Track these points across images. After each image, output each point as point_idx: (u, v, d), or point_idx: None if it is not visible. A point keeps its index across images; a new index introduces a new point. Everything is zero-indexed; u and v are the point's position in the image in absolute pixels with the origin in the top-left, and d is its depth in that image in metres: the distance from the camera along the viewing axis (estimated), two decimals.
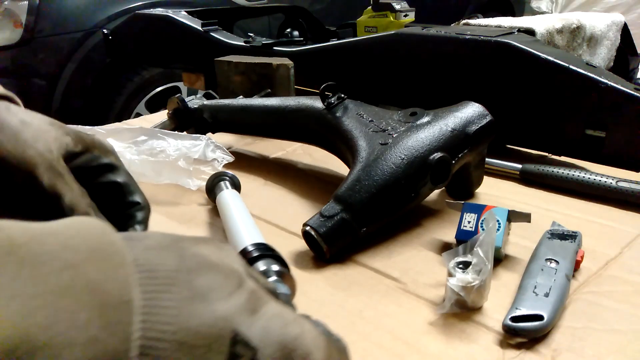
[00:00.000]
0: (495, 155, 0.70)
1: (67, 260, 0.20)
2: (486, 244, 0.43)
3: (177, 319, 0.21)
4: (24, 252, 0.19)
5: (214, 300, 0.22)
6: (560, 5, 3.58)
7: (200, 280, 0.22)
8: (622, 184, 0.61)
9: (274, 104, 0.74)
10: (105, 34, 1.61)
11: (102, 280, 0.20)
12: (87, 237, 0.21)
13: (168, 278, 0.21)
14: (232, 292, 0.23)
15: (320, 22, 1.89)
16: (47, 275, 0.19)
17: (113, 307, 0.19)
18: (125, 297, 0.20)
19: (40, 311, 0.18)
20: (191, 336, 0.20)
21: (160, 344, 0.20)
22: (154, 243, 0.23)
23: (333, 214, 0.51)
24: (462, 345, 0.39)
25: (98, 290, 0.19)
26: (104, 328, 0.19)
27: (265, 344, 0.22)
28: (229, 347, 0.21)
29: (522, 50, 0.76)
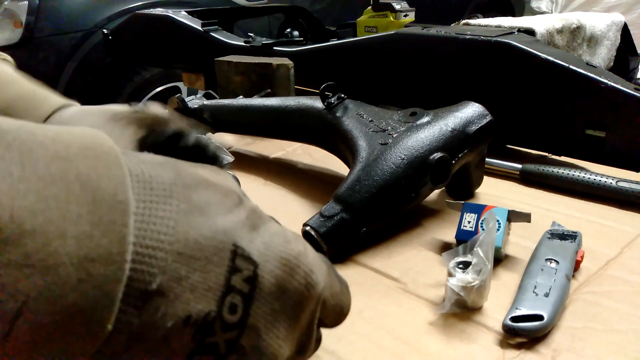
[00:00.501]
0: (495, 155, 0.70)
1: (57, 152, 0.18)
2: (486, 244, 0.43)
3: (175, 230, 0.20)
4: (12, 137, 0.18)
5: (213, 214, 0.21)
6: (560, 5, 3.58)
7: (199, 194, 0.21)
8: (622, 184, 0.61)
9: (274, 104, 0.74)
10: (105, 34, 1.61)
11: (95, 177, 0.19)
12: (79, 136, 0.20)
13: (164, 190, 0.21)
14: (232, 208, 0.22)
15: (320, 22, 1.89)
16: (36, 162, 0.18)
17: (107, 205, 0.18)
18: (120, 197, 0.19)
19: (29, 195, 0.17)
20: (190, 248, 0.20)
21: (156, 252, 0.19)
22: (148, 158, 0.22)
23: (333, 214, 0.51)
24: (462, 345, 0.39)
25: (90, 185, 0.18)
26: (96, 225, 0.18)
27: (266, 259, 0.22)
28: (229, 261, 0.21)
29: (522, 50, 0.76)
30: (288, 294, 0.22)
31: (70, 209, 0.18)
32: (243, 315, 0.21)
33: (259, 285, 0.21)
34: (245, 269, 0.21)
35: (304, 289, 0.23)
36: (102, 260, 0.18)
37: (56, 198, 0.18)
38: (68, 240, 0.17)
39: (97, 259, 0.18)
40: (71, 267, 0.17)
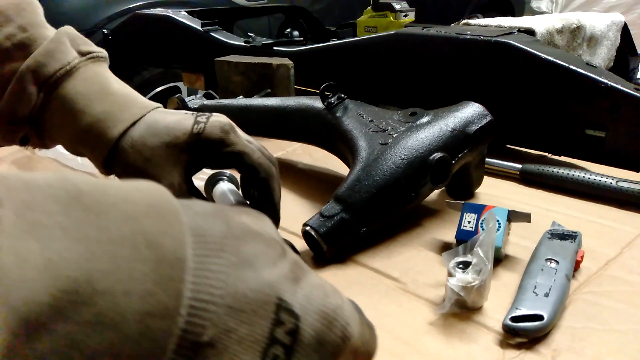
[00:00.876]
0: (495, 155, 0.70)
1: (127, 212, 0.20)
2: (486, 244, 0.43)
3: (226, 284, 0.21)
4: (88, 199, 0.19)
5: (260, 267, 0.22)
6: (560, 5, 3.58)
7: (247, 247, 0.23)
8: (622, 184, 0.61)
9: (274, 104, 0.74)
10: (105, 34, 1.61)
11: (159, 235, 0.20)
12: (145, 193, 0.21)
13: (217, 244, 0.22)
14: (276, 260, 0.23)
15: (320, 22, 1.89)
16: (109, 223, 0.19)
17: (167, 263, 0.20)
18: (179, 254, 0.20)
19: (103, 257, 0.19)
20: (239, 301, 0.21)
21: (209, 306, 0.20)
22: (201, 210, 0.23)
23: (333, 214, 0.51)
24: (462, 346, 0.39)
25: (155, 244, 0.20)
26: (157, 283, 0.19)
27: (307, 312, 0.23)
28: (273, 314, 0.22)
29: (522, 50, 0.76)
30: (326, 346, 0.23)
31: (137, 268, 0.19)
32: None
33: (299, 337, 0.22)
34: (288, 321, 0.22)
35: (340, 342, 0.24)
36: (160, 315, 0.19)
37: (126, 259, 0.19)
38: (133, 297, 0.19)
39: (157, 314, 0.19)
40: (134, 322, 0.19)
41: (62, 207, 0.19)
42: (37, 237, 0.18)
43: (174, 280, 0.20)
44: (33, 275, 0.17)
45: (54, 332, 0.17)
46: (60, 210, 0.19)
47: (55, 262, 0.18)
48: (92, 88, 0.44)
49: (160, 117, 0.44)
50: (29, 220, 0.18)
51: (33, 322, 0.17)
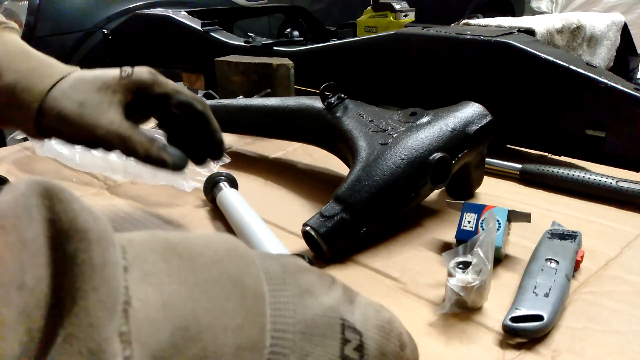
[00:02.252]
0: (495, 155, 0.70)
1: (211, 257, 0.22)
2: (486, 244, 0.43)
3: (295, 312, 0.23)
4: (180, 249, 0.22)
5: (318, 294, 0.24)
6: (560, 5, 3.58)
7: (303, 279, 0.25)
8: (622, 184, 0.61)
9: (274, 104, 0.74)
10: (105, 34, 1.61)
11: (241, 275, 0.22)
12: (221, 241, 0.24)
13: (279, 279, 0.24)
14: (330, 287, 0.26)
15: (320, 22, 1.89)
16: (201, 267, 0.22)
17: (251, 299, 0.22)
18: (259, 291, 0.22)
19: (202, 297, 0.21)
20: (309, 326, 0.23)
21: (286, 335, 0.22)
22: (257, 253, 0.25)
23: (333, 214, 0.51)
24: (462, 346, 0.39)
25: (239, 283, 0.22)
26: (245, 318, 0.21)
27: (367, 328, 0.25)
28: (340, 333, 0.24)
29: (522, 50, 0.76)
30: (388, 356, 0.25)
31: (228, 305, 0.21)
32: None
33: (365, 352, 0.24)
34: (353, 338, 0.24)
35: (399, 350, 0.26)
36: (250, 348, 0.21)
37: (218, 297, 0.21)
38: (228, 332, 0.21)
39: (247, 347, 0.21)
40: (231, 356, 0.20)
41: (161, 257, 0.21)
42: (150, 283, 0.20)
43: (258, 315, 0.22)
44: (155, 315, 0.19)
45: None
46: (160, 260, 0.21)
47: (169, 303, 0.20)
48: (14, 49, 0.47)
49: (87, 72, 0.48)
50: (140, 269, 0.20)
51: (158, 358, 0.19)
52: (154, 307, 0.19)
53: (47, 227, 0.17)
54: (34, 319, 0.16)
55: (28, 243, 0.17)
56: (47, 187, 0.18)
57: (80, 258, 0.17)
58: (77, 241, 0.17)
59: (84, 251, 0.17)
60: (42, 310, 0.16)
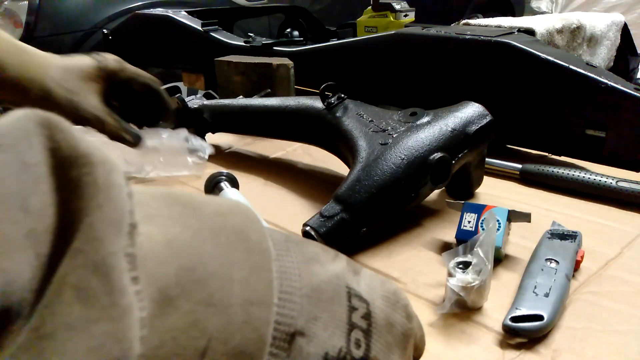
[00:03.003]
0: (495, 155, 0.70)
1: (215, 209, 0.22)
2: (486, 244, 0.43)
3: (301, 277, 0.22)
4: (182, 199, 0.22)
5: (324, 262, 0.24)
6: (560, 5, 3.58)
7: (307, 249, 0.24)
8: (622, 184, 0.61)
9: (274, 104, 0.74)
10: (105, 34, 1.61)
11: (245, 228, 0.22)
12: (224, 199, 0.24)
13: (283, 245, 0.23)
14: (334, 258, 0.25)
15: (320, 22, 1.89)
16: (205, 216, 0.21)
17: (257, 254, 0.21)
18: (264, 246, 0.22)
19: (207, 243, 0.20)
20: (316, 291, 0.22)
21: (293, 297, 0.21)
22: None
23: (333, 214, 0.51)
24: (462, 346, 0.39)
25: (243, 235, 0.21)
26: (252, 271, 0.21)
27: (373, 298, 0.24)
28: (347, 300, 0.23)
29: (522, 50, 0.76)
30: (395, 326, 0.25)
31: (233, 255, 0.20)
32: (366, 349, 0.23)
33: (373, 321, 0.24)
34: (360, 306, 0.23)
35: (406, 321, 0.26)
36: (258, 303, 0.20)
37: (223, 245, 0.20)
38: (235, 283, 0.20)
39: (256, 302, 0.20)
40: (239, 309, 0.19)
41: (163, 203, 0.21)
42: (153, 223, 0.19)
43: (265, 270, 0.21)
44: (160, 250, 0.18)
45: (180, 309, 0.18)
46: (163, 206, 0.21)
47: (174, 243, 0.19)
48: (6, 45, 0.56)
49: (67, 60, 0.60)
50: (141, 212, 0.19)
51: (165, 295, 0.18)
52: (158, 243, 0.19)
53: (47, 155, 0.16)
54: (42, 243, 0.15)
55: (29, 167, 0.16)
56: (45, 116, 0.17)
57: (84, 181, 0.17)
58: (80, 166, 0.17)
59: (88, 174, 0.17)
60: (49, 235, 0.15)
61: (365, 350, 0.23)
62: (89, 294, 0.15)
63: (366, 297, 0.24)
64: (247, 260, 0.21)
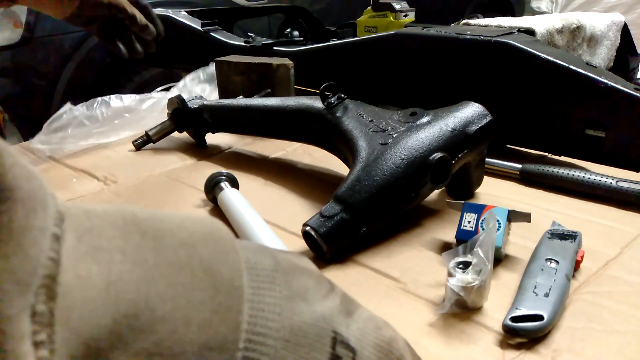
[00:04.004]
0: (495, 155, 0.70)
1: (182, 239, 0.20)
2: (486, 244, 0.43)
3: (281, 317, 0.20)
4: (146, 226, 0.19)
5: (312, 300, 0.22)
6: (560, 5, 3.58)
7: (297, 281, 0.22)
8: (622, 184, 0.61)
9: (274, 104, 0.74)
10: None
11: (216, 262, 0.20)
12: (199, 223, 0.21)
13: (268, 277, 0.21)
14: (327, 294, 0.23)
15: (320, 22, 1.89)
16: (166, 249, 0.19)
17: (225, 291, 0.19)
18: (236, 283, 0.20)
19: (161, 281, 0.18)
20: (294, 334, 0.20)
21: (266, 340, 0.19)
22: (247, 244, 0.23)
23: (333, 214, 0.51)
24: (462, 346, 0.39)
25: (212, 271, 0.19)
26: (216, 312, 0.19)
27: (362, 345, 0.22)
28: (330, 347, 0.21)
29: (522, 50, 0.76)
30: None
31: (195, 295, 0.18)
32: None
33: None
34: (345, 355, 0.21)
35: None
36: (218, 348, 0.18)
37: (183, 284, 0.18)
38: (192, 327, 0.18)
39: (215, 347, 0.18)
40: (192, 355, 0.18)
41: (120, 232, 0.18)
42: (97, 259, 0.17)
43: (232, 310, 0.19)
44: (95, 296, 0.17)
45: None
46: (118, 235, 0.18)
47: (116, 284, 0.17)
48: None
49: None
50: (89, 243, 0.17)
51: (93, 348, 0.16)
52: (95, 287, 0.17)
53: None
54: None
55: None
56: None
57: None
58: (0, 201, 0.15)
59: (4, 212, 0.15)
60: None
61: None
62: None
63: (354, 344, 0.22)
64: (212, 300, 0.19)
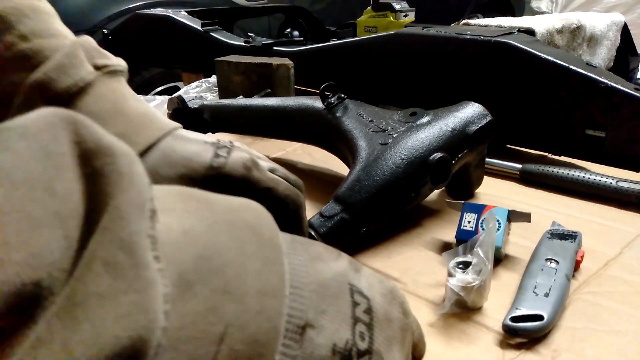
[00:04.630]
0: (495, 155, 0.70)
1: (228, 206, 0.23)
2: (486, 244, 0.43)
3: (308, 274, 0.23)
4: (198, 195, 0.23)
5: (328, 261, 0.25)
6: (560, 5, 3.58)
7: (312, 248, 0.26)
8: (622, 184, 0.61)
9: (274, 104, 0.74)
10: (105, 34, 1.61)
11: (257, 224, 0.23)
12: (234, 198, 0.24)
13: (290, 245, 0.24)
14: (337, 257, 0.27)
15: (320, 22, 1.89)
16: (219, 211, 0.22)
17: (269, 247, 0.22)
18: (276, 241, 0.23)
19: (222, 234, 0.21)
20: (322, 287, 0.23)
21: (302, 291, 0.22)
22: None
23: (333, 214, 0.51)
24: (462, 346, 0.39)
25: (256, 230, 0.22)
26: (265, 263, 0.21)
27: (372, 294, 0.26)
28: (350, 296, 0.24)
29: (522, 50, 0.76)
30: (394, 321, 0.26)
31: (247, 248, 0.21)
32: (370, 341, 0.24)
33: (374, 315, 0.25)
34: (362, 302, 0.25)
35: (403, 316, 0.27)
36: (272, 294, 0.21)
37: (237, 238, 0.21)
38: (250, 274, 0.20)
39: (269, 293, 0.21)
40: (252, 298, 0.20)
41: (179, 198, 0.22)
42: (170, 215, 0.20)
43: (277, 263, 0.22)
44: (177, 239, 0.19)
45: (198, 295, 0.19)
46: (178, 201, 0.21)
47: (190, 233, 0.20)
48: (106, 107, 0.39)
49: (179, 146, 0.40)
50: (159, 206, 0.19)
51: (184, 279, 0.18)
52: (175, 232, 0.19)
53: (72, 147, 0.17)
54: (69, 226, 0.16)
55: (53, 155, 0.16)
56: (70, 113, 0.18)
57: (108, 169, 0.17)
58: (104, 156, 0.17)
59: (111, 164, 0.17)
60: (76, 220, 0.16)
61: (369, 343, 0.24)
62: (117, 267, 0.16)
63: (367, 293, 0.25)
64: (260, 253, 0.21)
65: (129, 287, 0.16)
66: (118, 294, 0.16)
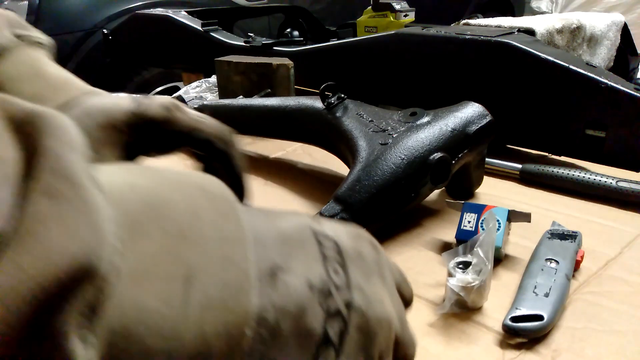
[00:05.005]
0: (495, 155, 0.70)
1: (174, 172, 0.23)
2: (486, 244, 0.43)
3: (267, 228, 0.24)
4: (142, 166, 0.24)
5: (285, 217, 0.26)
6: (560, 5, 3.58)
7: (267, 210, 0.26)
8: (622, 184, 0.61)
9: (274, 104, 0.74)
10: (105, 34, 1.61)
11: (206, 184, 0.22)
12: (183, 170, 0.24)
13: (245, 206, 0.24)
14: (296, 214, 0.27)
15: (320, 22, 1.89)
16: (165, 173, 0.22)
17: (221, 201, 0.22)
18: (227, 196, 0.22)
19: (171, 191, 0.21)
20: (285, 238, 0.24)
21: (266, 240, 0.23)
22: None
23: (333, 214, 0.51)
24: (462, 346, 0.39)
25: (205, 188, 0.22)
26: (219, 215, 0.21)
27: (339, 235, 0.26)
28: (314, 239, 0.25)
29: (522, 50, 0.76)
30: (366, 256, 0.26)
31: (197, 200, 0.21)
32: (345, 276, 0.24)
33: (344, 253, 0.25)
34: (328, 243, 0.25)
35: (373, 252, 0.27)
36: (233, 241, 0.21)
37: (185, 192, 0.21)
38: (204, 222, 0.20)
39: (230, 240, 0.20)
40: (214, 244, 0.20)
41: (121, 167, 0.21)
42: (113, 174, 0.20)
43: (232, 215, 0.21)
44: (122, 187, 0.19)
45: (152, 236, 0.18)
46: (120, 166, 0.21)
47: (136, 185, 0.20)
48: (24, 70, 0.42)
49: (97, 100, 0.41)
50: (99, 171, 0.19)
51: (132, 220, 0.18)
52: (119, 184, 0.19)
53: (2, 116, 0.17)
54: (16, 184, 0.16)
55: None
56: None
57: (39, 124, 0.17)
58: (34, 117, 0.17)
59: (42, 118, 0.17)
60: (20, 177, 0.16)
61: (345, 277, 0.24)
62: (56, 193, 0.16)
63: (332, 235, 0.25)
64: (213, 206, 0.21)
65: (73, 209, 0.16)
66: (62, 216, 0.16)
